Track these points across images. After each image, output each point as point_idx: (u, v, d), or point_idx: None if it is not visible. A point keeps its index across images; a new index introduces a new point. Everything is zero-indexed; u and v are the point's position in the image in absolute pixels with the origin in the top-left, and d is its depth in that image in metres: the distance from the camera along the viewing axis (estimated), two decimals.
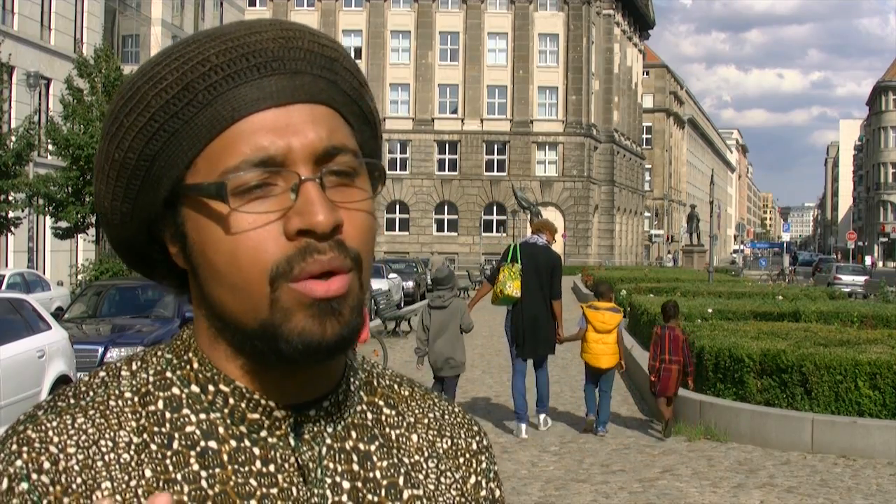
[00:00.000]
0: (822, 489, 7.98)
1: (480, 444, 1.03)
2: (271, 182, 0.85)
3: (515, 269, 9.91)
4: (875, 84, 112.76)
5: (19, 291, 17.32)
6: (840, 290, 29.86)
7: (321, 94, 0.88)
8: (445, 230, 70.06)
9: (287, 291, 0.84)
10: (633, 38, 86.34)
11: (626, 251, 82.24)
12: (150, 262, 0.96)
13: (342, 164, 0.87)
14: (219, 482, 0.86)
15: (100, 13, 38.33)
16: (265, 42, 0.87)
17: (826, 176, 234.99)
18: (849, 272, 48.19)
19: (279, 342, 0.85)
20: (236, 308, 0.86)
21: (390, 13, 70.91)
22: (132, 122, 0.87)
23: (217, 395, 0.90)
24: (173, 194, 0.88)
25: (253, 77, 0.86)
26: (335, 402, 0.93)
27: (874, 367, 9.56)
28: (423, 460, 0.97)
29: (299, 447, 0.90)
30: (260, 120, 0.85)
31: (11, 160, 25.17)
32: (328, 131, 0.87)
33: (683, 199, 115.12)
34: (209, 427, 0.88)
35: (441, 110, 71.04)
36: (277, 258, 0.84)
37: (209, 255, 0.86)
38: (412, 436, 0.98)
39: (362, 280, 0.88)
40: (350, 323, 0.86)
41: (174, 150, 0.87)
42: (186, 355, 0.92)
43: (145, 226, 0.92)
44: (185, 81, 0.86)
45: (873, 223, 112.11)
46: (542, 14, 70.77)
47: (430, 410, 1.01)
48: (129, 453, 0.86)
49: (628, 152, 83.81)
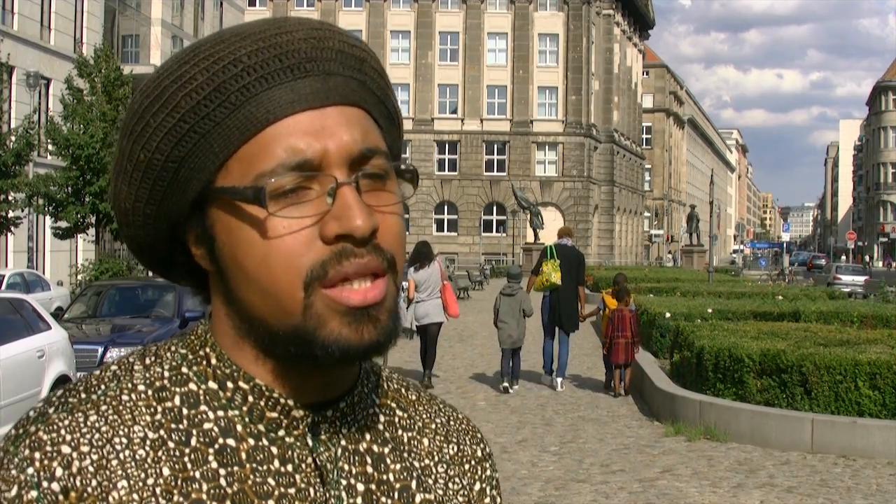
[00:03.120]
0: (822, 489, 7.98)
1: (485, 452, 1.04)
2: (306, 186, 0.84)
3: (556, 264, 13.03)
4: (875, 84, 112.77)
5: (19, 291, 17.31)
6: (840, 290, 29.88)
7: (353, 95, 0.87)
8: (445, 230, 70.06)
9: (321, 298, 0.83)
10: (632, 38, 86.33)
11: (625, 251, 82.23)
12: (168, 263, 0.94)
13: (376, 168, 0.86)
14: (237, 480, 0.85)
15: (100, 13, 38.32)
16: (297, 42, 0.86)
17: (826, 176, 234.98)
18: (849, 272, 48.20)
19: (315, 348, 0.84)
20: (267, 311, 0.85)
21: (390, 13, 70.93)
22: (159, 122, 0.85)
23: (236, 392, 0.88)
24: (202, 196, 0.86)
25: (287, 79, 0.85)
26: (351, 403, 0.93)
27: (874, 367, 9.57)
28: (434, 465, 0.97)
29: (317, 448, 0.90)
30: (295, 122, 0.84)
31: (11, 160, 25.16)
32: (362, 133, 0.86)
33: (683, 199, 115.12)
34: (227, 424, 0.87)
35: (441, 110, 71.06)
36: (313, 263, 0.83)
37: (240, 258, 0.85)
38: (423, 439, 0.98)
39: (397, 282, 0.88)
40: (386, 328, 0.86)
41: (204, 152, 0.85)
42: (203, 350, 0.90)
43: (168, 227, 0.90)
44: (217, 82, 0.84)
45: (873, 223, 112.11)
46: (541, 14, 70.78)
47: (436, 416, 1.01)
48: (145, 449, 0.84)
49: (628, 152, 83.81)
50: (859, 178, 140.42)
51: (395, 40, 71.26)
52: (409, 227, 69.89)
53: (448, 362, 15.98)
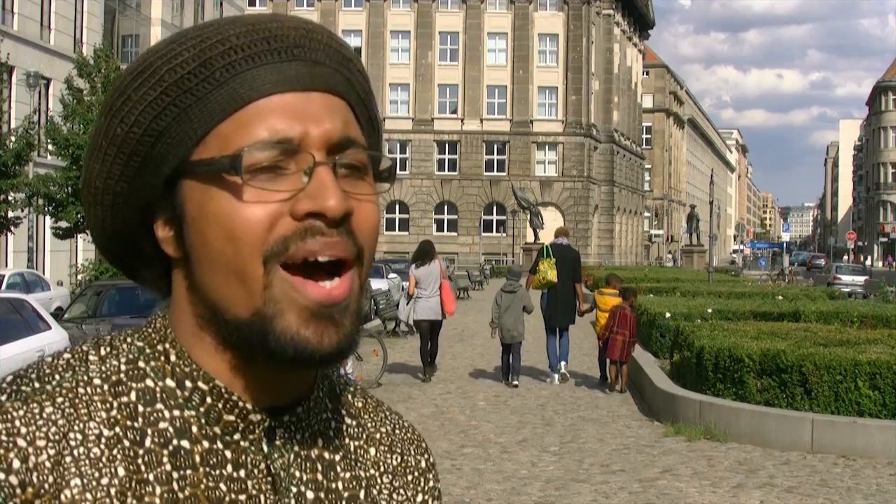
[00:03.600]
0: (822, 489, 7.98)
1: (428, 462, 1.02)
2: (283, 165, 0.83)
3: (552, 262, 13.47)
4: (875, 84, 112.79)
5: (19, 291, 17.32)
6: (840, 290, 29.88)
7: (338, 86, 0.87)
8: (445, 230, 70.05)
9: (280, 279, 0.82)
10: (632, 38, 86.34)
11: (625, 251, 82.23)
12: (131, 251, 0.92)
13: (354, 159, 0.86)
14: (190, 485, 0.83)
15: (100, 13, 38.32)
16: (286, 29, 0.86)
17: (826, 176, 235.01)
18: (849, 272, 48.20)
19: (269, 338, 0.82)
20: (228, 294, 0.83)
21: (390, 13, 70.94)
22: (141, 95, 0.84)
23: (194, 391, 0.86)
24: (176, 173, 0.85)
25: (273, 60, 0.84)
26: (307, 408, 0.91)
27: (874, 367, 9.57)
28: (379, 475, 0.96)
29: (271, 454, 0.88)
30: (278, 102, 0.84)
31: (11, 160, 25.16)
32: (343, 123, 0.86)
33: (683, 199, 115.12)
34: (183, 425, 0.85)
35: (441, 110, 71.06)
36: (276, 237, 0.81)
37: (207, 232, 0.83)
38: (370, 449, 0.97)
39: (362, 279, 0.86)
40: (348, 334, 0.84)
41: (183, 127, 0.84)
42: (161, 346, 0.88)
43: (137, 209, 0.88)
44: (203, 58, 0.84)
45: (873, 223, 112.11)
46: (541, 14, 70.79)
47: (382, 425, 1.00)
48: (100, 447, 0.81)
49: (628, 152, 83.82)
50: (859, 178, 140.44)
51: (395, 40, 71.27)
52: (409, 228, 69.89)
53: (448, 362, 15.98)
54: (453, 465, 8.72)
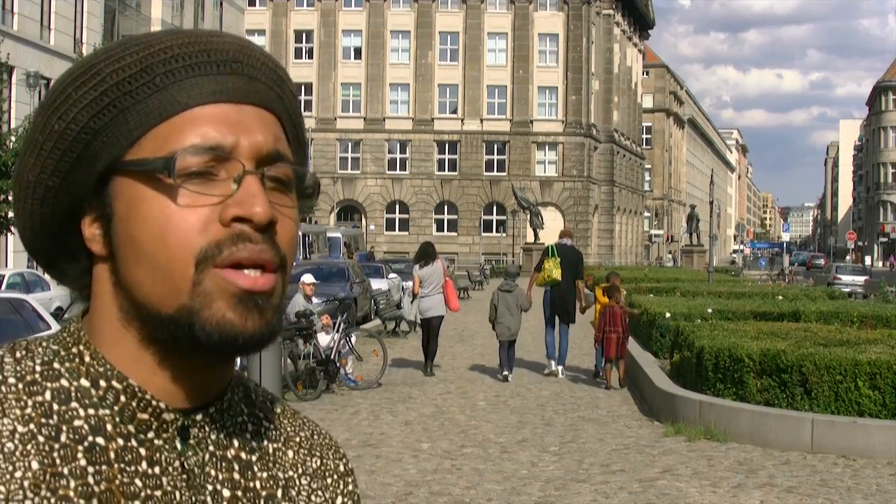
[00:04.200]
0: (822, 489, 7.98)
1: (347, 467, 1.05)
2: (214, 171, 0.86)
3: (556, 261, 14.35)
4: (875, 84, 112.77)
5: (19, 291, 17.32)
6: (840, 290, 29.87)
7: (272, 102, 0.91)
8: (445, 230, 70.05)
9: (211, 276, 0.84)
10: (632, 38, 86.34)
11: (625, 251, 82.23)
12: (56, 246, 0.94)
13: (281, 173, 0.89)
14: (105, 479, 0.85)
15: (100, 13, 38.32)
16: (225, 45, 0.90)
17: (826, 176, 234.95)
18: (849, 272, 48.20)
19: (195, 328, 0.84)
20: (154, 292, 0.86)
21: (390, 13, 70.92)
22: (81, 94, 0.87)
23: (108, 391, 0.88)
24: (108, 171, 0.88)
25: (212, 72, 0.88)
26: (220, 409, 0.94)
27: (874, 367, 9.57)
28: (297, 476, 0.98)
29: (185, 451, 0.90)
30: (213, 111, 0.87)
31: (11, 160, 25.18)
32: (274, 137, 0.89)
33: (683, 199, 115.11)
34: (97, 423, 0.87)
35: (441, 110, 71.05)
36: (208, 241, 0.84)
37: (137, 233, 0.86)
38: (288, 451, 0.99)
39: (285, 284, 0.89)
40: (271, 322, 0.87)
41: (120, 127, 0.87)
42: (76, 348, 0.90)
43: (67, 204, 0.90)
44: (145, 64, 0.87)
45: (873, 223, 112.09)
46: (541, 14, 70.78)
47: (300, 429, 1.02)
48: (14, 442, 0.83)
49: (628, 152, 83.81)
50: (859, 178, 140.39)
51: (395, 40, 71.26)
52: (409, 228, 69.91)
53: (448, 362, 15.98)
54: (453, 465, 8.71)
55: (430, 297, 14.75)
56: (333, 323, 13.42)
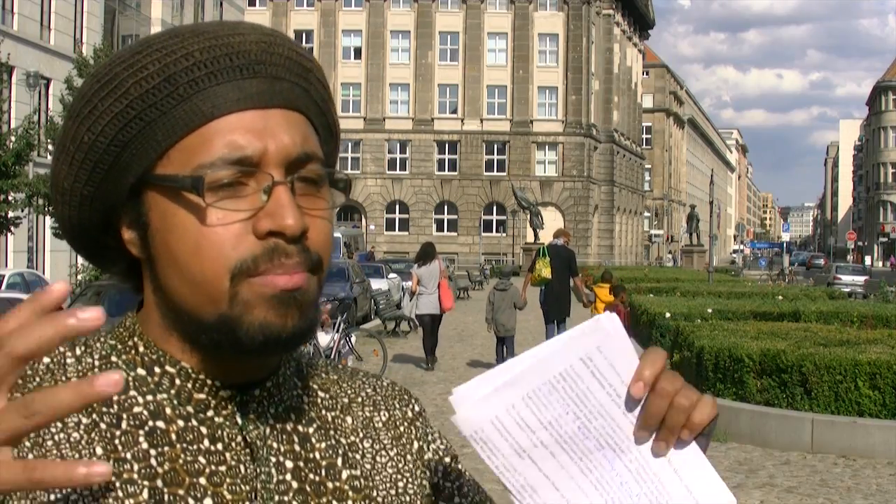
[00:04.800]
0: (822, 489, 7.98)
1: (415, 411, 1.06)
2: (243, 182, 0.86)
3: (546, 261, 14.66)
4: (875, 84, 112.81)
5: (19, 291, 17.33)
6: (840, 290, 29.87)
7: (297, 101, 0.91)
8: (445, 230, 70.06)
9: (248, 286, 0.86)
10: (632, 38, 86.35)
11: (625, 251, 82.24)
12: (100, 248, 0.96)
13: (311, 172, 0.89)
14: (168, 460, 0.87)
15: (100, 13, 38.33)
16: (248, 44, 0.89)
17: (826, 176, 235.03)
18: (849, 272, 48.21)
19: (239, 333, 0.86)
20: (193, 300, 0.87)
21: (390, 13, 70.93)
22: (108, 106, 0.87)
23: (163, 376, 0.90)
24: (140, 182, 0.88)
25: (235, 77, 0.87)
26: (276, 383, 0.95)
27: (874, 367, 9.57)
28: (359, 441, 1.00)
29: (246, 426, 0.92)
30: (238, 119, 0.87)
31: (11, 160, 25.16)
32: (302, 138, 0.89)
33: (683, 199, 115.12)
34: (156, 408, 0.89)
35: (441, 110, 71.07)
36: (244, 256, 0.85)
37: (172, 245, 0.87)
38: (347, 417, 1.00)
39: (321, 282, 0.90)
40: (309, 317, 0.88)
41: (148, 139, 0.87)
42: (131, 340, 0.93)
43: (103, 210, 0.92)
44: (168, 73, 0.86)
45: (873, 223, 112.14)
46: (541, 14, 70.80)
47: (361, 389, 1.04)
48: (79, 432, 0.86)
49: (628, 152, 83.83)
50: (859, 178, 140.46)
51: (395, 40, 71.27)
52: (409, 228, 69.92)
53: (448, 362, 15.99)
54: None
55: (429, 296, 15.30)
56: (333, 323, 13.42)
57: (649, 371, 0.82)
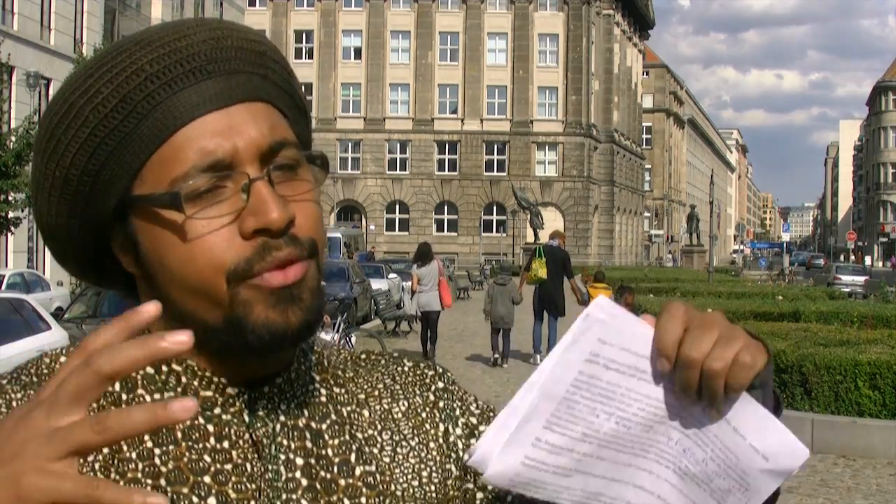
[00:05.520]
0: (822, 489, 7.98)
1: (437, 393, 1.04)
2: (221, 185, 0.86)
3: (542, 262, 15.42)
4: (875, 84, 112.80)
5: (19, 291, 17.33)
6: (840, 290, 29.88)
7: (257, 90, 0.90)
8: (445, 230, 70.07)
9: (245, 287, 0.86)
10: (632, 38, 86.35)
11: (625, 251, 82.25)
12: (99, 271, 0.96)
13: (286, 158, 0.88)
14: (172, 459, 0.87)
15: (100, 13, 38.33)
16: (197, 45, 0.88)
17: (826, 176, 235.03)
18: (849, 272, 48.21)
19: (246, 334, 0.86)
20: (197, 307, 0.87)
21: (390, 13, 70.93)
22: (71, 137, 0.87)
23: (170, 374, 0.91)
24: (121, 205, 0.88)
25: (189, 82, 0.86)
26: (288, 379, 0.94)
27: (874, 367, 9.57)
28: (377, 434, 0.98)
29: (253, 423, 0.91)
30: (202, 124, 0.86)
31: (11, 160, 25.17)
32: (269, 127, 0.88)
33: (683, 199, 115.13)
34: None
35: (441, 110, 71.07)
36: (235, 259, 0.85)
37: (165, 261, 0.87)
38: (363, 411, 0.99)
39: (319, 265, 0.90)
40: (312, 306, 0.88)
41: (118, 163, 0.87)
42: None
43: (92, 237, 0.92)
44: (122, 93, 0.85)
45: (873, 223, 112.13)
46: (541, 14, 70.80)
47: (378, 382, 1.02)
48: None
49: (628, 152, 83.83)
50: (859, 178, 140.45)
51: (395, 40, 71.26)
52: (409, 228, 69.92)
53: (448, 362, 15.99)
54: None
55: (428, 294, 16.14)
56: (333, 323, 13.42)
57: (669, 338, 0.76)
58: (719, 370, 0.75)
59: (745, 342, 0.77)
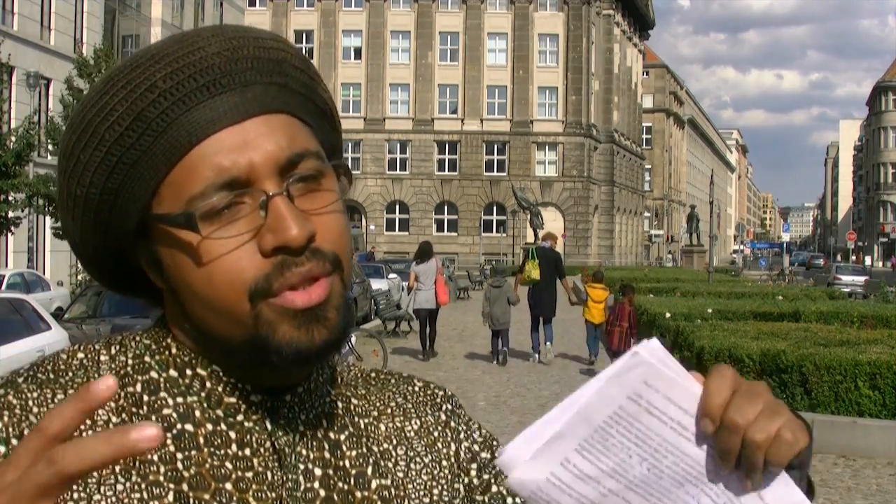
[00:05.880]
0: (822, 489, 7.97)
1: (448, 413, 1.04)
2: (239, 202, 0.84)
3: (535, 263, 15.86)
4: (875, 84, 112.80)
5: (19, 291, 17.33)
6: (840, 290, 29.88)
7: (274, 101, 0.87)
8: (445, 230, 70.07)
9: (268, 306, 0.84)
10: (632, 38, 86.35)
11: (625, 251, 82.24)
12: (130, 284, 0.96)
13: (307, 169, 0.86)
14: (194, 464, 0.87)
15: (100, 13, 38.33)
16: (210, 58, 0.85)
17: (826, 176, 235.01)
18: (849, 272, 48.21)
19: (270, 353, 0.85)
20: (220, 325, 0.86)
21: (390, 13, 70.93)
22: (89, 157, 0.86)
23: (194, 378, 0.90)
24: (143, 223, 0.88)
25: (203, 98, 0.85)
26: (308, 389, 0.94)
27: (874, 367, 9.57)
28: (392, 448, 0.98)
29: (275, 431, 0.90)
30: (217, 141, 0.84)
31: (11, 160, 25.17)
32: (287, 139, 0.86)
33: (683, 199, 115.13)
34: (186, 410, 0.89)
35: (441, 110, 71.07)
36: (255, 277, 0.83)
37: (187, 278, 0.86)
38: (380, 425, 0.99)
39: (344, 279, 0.88)
40: (337, 325, 0.86)
41: (135, 181, 0.86)
42: (165, 341, 0.92)
43: (119, 252, 0.92)
44: (136, 111, 0.84)
45: (873, 223, 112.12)
46: (541, 14, 70.80)
47: (391, 400, 1.02)
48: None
49: (628, 152, 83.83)
50: (859, 178, 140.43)
51: (395, 40, 71.27)
52: (409, 228, 69.92)
53: (448, 361, 16.00)
54: None
55: (426, 291, 16.42)
56: None
57: (716, 400, 0.73)
58: (761, 442, 0.73)
59: (789, 418, 0.76)
